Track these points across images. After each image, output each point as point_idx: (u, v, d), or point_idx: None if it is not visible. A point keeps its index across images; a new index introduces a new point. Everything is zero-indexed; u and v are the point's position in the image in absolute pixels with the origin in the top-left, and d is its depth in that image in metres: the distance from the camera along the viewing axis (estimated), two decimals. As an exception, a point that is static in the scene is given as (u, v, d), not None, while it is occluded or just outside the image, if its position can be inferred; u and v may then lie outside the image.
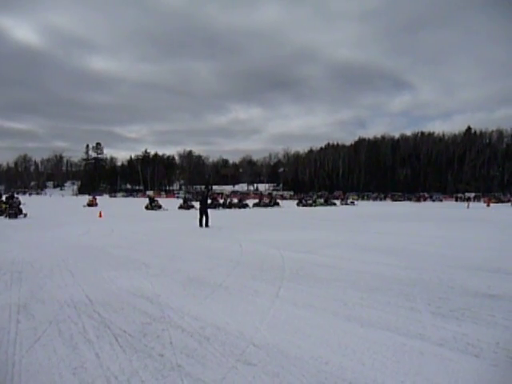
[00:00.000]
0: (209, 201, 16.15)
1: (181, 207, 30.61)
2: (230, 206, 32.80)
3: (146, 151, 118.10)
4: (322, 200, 43.52)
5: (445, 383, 2.68)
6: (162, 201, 33.80)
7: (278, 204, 37.46)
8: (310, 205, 39.00)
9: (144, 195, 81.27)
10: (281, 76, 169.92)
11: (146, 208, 28.81)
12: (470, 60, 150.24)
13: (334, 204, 42.03)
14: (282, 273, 6.33)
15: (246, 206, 33.82)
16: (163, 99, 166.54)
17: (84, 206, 34.85)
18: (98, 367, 2.93)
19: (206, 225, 14.64)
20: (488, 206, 42.81)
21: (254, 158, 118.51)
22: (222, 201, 33.90)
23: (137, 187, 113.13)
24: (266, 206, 36.03)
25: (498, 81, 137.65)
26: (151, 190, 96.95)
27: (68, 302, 4.64)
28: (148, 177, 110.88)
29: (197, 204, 22.26)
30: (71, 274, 6.24)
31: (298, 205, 39.18)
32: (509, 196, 60.48)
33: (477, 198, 61.86)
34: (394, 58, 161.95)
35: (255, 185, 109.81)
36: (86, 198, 41.57)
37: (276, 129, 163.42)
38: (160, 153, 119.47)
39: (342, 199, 50.87)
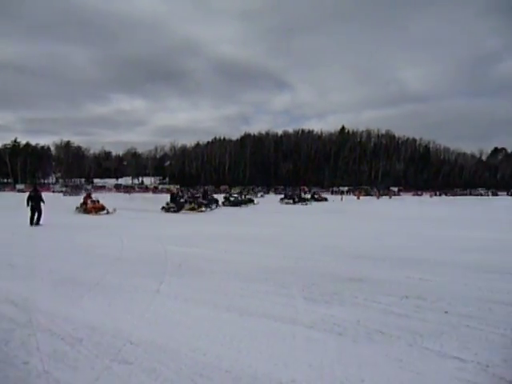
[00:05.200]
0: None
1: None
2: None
3: (15, 140, 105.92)
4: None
5: (312, 361, 2.91)
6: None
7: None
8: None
9: (13, 189, 73.19)
10: (164, 68, 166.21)
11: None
12: (339, 65, 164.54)
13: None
14: (164, 267, 6.23)
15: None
16: (33, 84, 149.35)
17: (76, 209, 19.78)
18: None
19: (37, 223, 13.39)
20: (358, 198, 47.40)
21: (139, 150, 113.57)
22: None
23: (5, 180, 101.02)
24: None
25: (363, 86, 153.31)
26: (22, 183, 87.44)
27: None
28: (18, 169, 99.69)
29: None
30: None
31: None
32: (375, 190, 67.48)
33: (350, 192, 67.93)
34: (275, 58, 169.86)
35: (140, 178, 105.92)
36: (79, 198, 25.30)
37: (161, 121, 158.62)
38: (33, 142, 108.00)
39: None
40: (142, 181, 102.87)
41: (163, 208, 20.36)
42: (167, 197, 23.57)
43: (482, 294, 4.75)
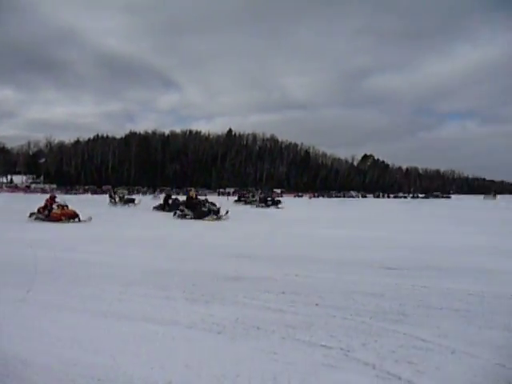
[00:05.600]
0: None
1: None
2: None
3: None
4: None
5: (190, 361, 2.92)
6: None
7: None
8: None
9: None
10: (40, 57, 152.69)
11: None
12: (228, 68, 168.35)
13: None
14: (33, 274, 5.69)
15: None
16: None
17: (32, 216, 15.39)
18: None
19: None
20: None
21: (8, 145, 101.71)
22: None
23: None
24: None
25: (250, 90, 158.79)
26: None
27: None
28: None
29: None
30: None
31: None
32: (260, 191, 70.18)
33: (235, 193, 69.55)
34: (161, 56, 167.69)
35: (9, 176, 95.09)
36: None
37: (36, 114, 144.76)
38: None
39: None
40: (12, 179, 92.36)
41: (175, 214, 17.81)
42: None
43: (348, 287, 5.25)
